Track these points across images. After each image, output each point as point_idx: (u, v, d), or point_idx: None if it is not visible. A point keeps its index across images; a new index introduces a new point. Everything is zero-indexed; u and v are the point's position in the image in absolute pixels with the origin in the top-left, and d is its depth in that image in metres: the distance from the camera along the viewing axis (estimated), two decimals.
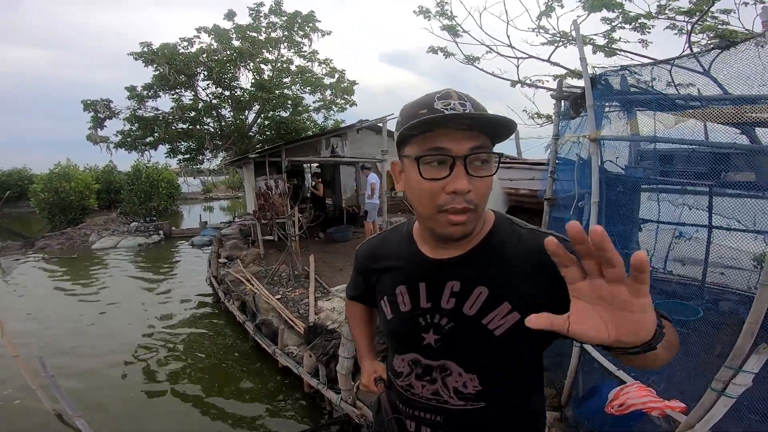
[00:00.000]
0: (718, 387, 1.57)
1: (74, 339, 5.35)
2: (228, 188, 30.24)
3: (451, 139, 0.70)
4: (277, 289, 5.85)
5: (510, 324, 0.77)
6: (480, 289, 0.80)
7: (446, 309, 0.83)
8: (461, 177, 0.70)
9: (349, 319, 1.28)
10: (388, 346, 1.01)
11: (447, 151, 0.70)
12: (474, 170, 0.71)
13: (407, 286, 0.89)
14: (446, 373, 0.84)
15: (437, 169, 0.72)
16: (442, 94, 0.73)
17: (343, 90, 16.66)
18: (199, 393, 4.01)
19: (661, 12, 4.81)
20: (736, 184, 2.82)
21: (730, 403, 1.56)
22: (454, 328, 0.82)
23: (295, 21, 14.76)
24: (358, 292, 1.15)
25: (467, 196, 0.71)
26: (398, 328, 0.91)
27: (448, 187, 0.71)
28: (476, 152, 0.71)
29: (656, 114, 2.64)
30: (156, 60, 13.48)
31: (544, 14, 5.31)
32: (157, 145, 14.94)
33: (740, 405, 1.79)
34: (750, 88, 2.00)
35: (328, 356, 3.49)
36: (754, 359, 1.49)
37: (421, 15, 6.10)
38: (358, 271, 1.08)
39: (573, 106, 2.97)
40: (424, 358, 0.87)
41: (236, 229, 10.84)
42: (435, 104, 0.71)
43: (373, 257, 1.01)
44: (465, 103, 0.71)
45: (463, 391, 0.83)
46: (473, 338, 0.80)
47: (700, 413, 1.61)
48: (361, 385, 1.16)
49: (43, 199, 14.26)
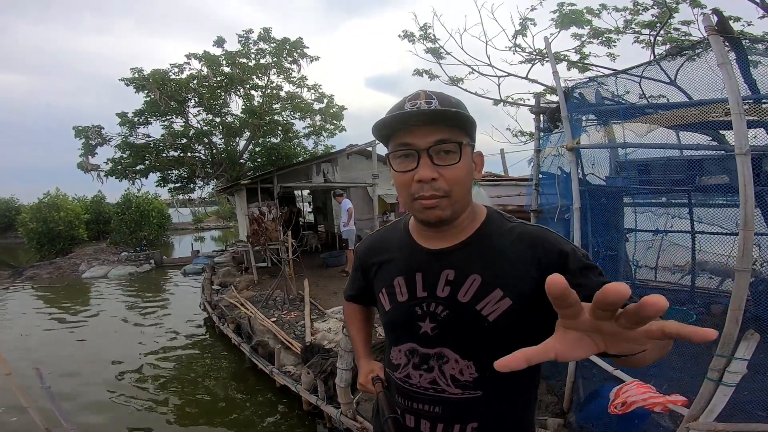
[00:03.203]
0: (714, 377, 1.61)
1: (64, 364, 5.24)
2: (219, 218, 30.10)
3: (414, 134, 0.78)
4: (272, 313, 5.83)
5: (502, 309, 0.81)
6: (474, 277, 0.84)
7: (441, 297, 0.86)
8: (425, 167, 0.78)
9: (347, 320, 1.30)
10: (385, 341, 1.03)
11: (411, 145, 0.79)
12: (439, 160, 0.79)
13: (404, 277, 0.92)
14: (443, 360, 0.86)
15: (406, 162, 0.81)
16: (412, 95, 0.81)
17: (332, 115, 16.90)
18: (194, 414, 3.96)
19: (628, 26, 5.12)
20: (712, 188, 2.96)
21: (730, 392, 1.59)
22: (449, 315, 0.85)
23: (284, 47, 15.05)
24: (355, 291, 1.17)
25: (435, 184, 0.79)
26: (396, 318, 0.94)
27: (416, 176, 0.79)
28: (438, 144, 0.78)
29: (628, 123, 2.79)
30: (147, 86, 13.58)
31: (520, 33, 5.60)
32: (147, 173, 14.87)
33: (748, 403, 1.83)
34: (710, 93, 2.16)
35: (326, 374, 3.49)
36: (744, 345, 1.54)
37: (405, 39, 6.38)
38: (357, 267, 1.11)
39: (551, 120, 3.13)
40: (421, 347, 0.89)
41: (229, 257, 10.81)
42: (405, 105, 0.79)
43: (372, 250, 1.05)
44: (431, 101, 0.78)
45: (459, 378, 0.85)
46: (468, 324, 0.83)
47: (702, 404, 1.64)
48: (359, 384, 1.15)
49: (32, 229, 14.08)
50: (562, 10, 4.83)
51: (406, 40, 6.33)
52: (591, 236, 3.04)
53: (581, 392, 2.66)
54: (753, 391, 1.89)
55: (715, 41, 1.56)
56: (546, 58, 5.51)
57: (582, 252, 0.83)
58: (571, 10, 4.82)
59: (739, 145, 1.48)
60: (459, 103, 0.82)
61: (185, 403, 4.22)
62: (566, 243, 0.84)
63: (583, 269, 0.80)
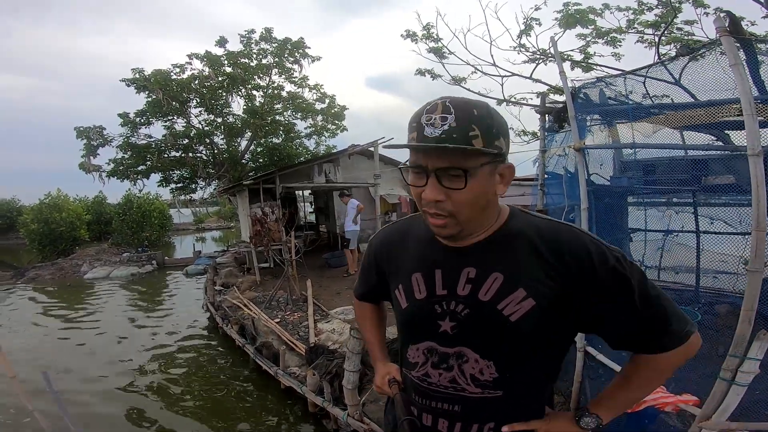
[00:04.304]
0: (726, 376, 1.61)
1: (68, 363, 5.27)
2: (220, 218, 30.12)
3: (425, 156, 0.78)
4: (275, 313, 5.84)
5: (525, 310, 0.79)
6: (495, 275, 0.82)
7: (462, 296, 0.84)
8: (432, 188, 0.77)
9: (359, 321, 1.28)
10: (400, 340, 1.00)
11: (422, 167, 0.78)
12: (447, 182, 0.77)
13: (423, 273, 0.90)
14: (463, 359, 0.84)
15: (418, 178, 0.81)
16: (430, 107, 0.76)
17: (333, 115, 16.92)
18: (199, 416, 3.96)
19: (631, 26, 5.12)
20: (717, 188, 2.96)
21: (742, 391, 1.59)
22: (470, 314, 0.84)
23: (286, 47, 15.08)
24: (367, 288, 1.15)
25: (439, 205, 0.78)
26: (414, 316, 0.92)
27: (423, 195, 0.79)
28: (443, 172, 0.76)
29: (634, 123, 2.79)
30: (149, 86, 13.62)
31: (524, 33, 5.60)
32: (149, 173, 14.91)
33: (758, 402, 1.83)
34: (717, 93, 2.16)
35: (331, 375, 3.49)
36: (757, 346, 1.54)
37: (408, 38, 6.39)
38: (371, 261, 1.09)
39: (556, 120, 3.13)
40: (441, 346, 0.87)
41: (231, 258, 10.84)
42: (422, 118, 0.76)
43: (389, 243, 1.03)
44: (446, 117, 0.73)
45: (479, 378, 0.83)
46: (489, 324, 0.82)
47: (714, 404, 1.64)
48: (375, 387, 1.13)
49: (34, 230, 14.09)
50: (568, 10, 4.84)
51: (408, 39, 6.34)
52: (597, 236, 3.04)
53: (588, 393, 2.65)
54: (763, 391, 1.89)
55: (727, 42, 1.55)
56: (550, 57, 5.51)
57: (615, 256, 0.78)
58: (576, 10, 4.82)
59: (752, 146, 1.48)
60: (483, 115, 0.75)
61: (189, 405, 4.22)
62: (593, 242, 0.80)
63: (617, 283, 0.77)
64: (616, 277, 0.76)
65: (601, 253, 0.78)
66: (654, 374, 0.86)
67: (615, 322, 0.80)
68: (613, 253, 0.78)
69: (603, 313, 0.79)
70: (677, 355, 0.81)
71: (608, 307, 0.78)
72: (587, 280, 0.77)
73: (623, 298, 0.77)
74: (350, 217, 7.69)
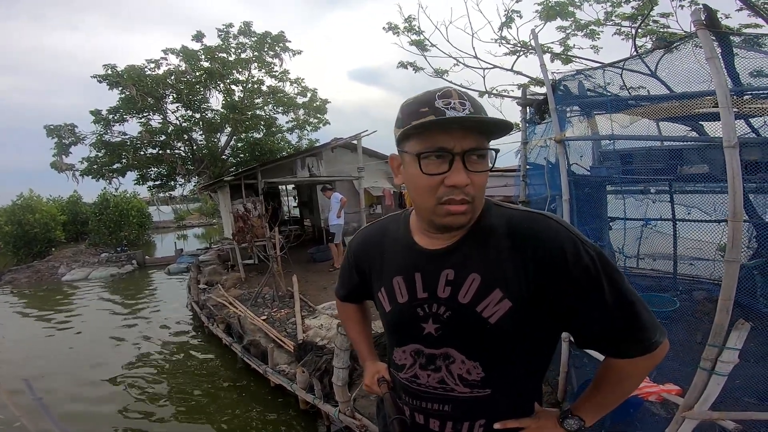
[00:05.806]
0: (706, 366, 1.63)
1: (50, 368, 5.11)
2: (201, 215, 29.53)
3: (450, 137, 0.74)
4: (261, 311, 5.77)
5: (503, 312, 0.78)
6: (473, 276, 0.81)
7: (442, 298, 0.84)
8: (460, 171, 0.74)
9: (344, 322, 1.26)
10: (386, 341, 1.01)
11: (447, 149, 0.74)
12: (471, 165, 0.75)
13: (403, 277, 0.90)
14: (450, 360, 0.85)
15: (437, 164, 0.75)
16: (442, 92, 0.76)
17: (315, 109, 16.77)
18: (187, 417, 3.91)
19: (608, 18, 5.19)
20: (692, 177, 3.05)
21: (722, 381, 1.61)
22: (452, 316, 0.83)
23: (265, 41, 14.84)
24: (349, 290, 1.14)
25: (465, 189, 0.75)
26: (398, 320, 0.92)
27: (448, 180, 0.75)
28: (474, 151, 0.75)
29: (612, 114, 2.83)
30: (122, 82, 13.19)
31: (505, 25, 5.62)
32: (125, 171, 14.53)
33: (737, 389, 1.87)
34: (692, 85, 2.21)
35: (320, 371, 3.48)
36: (735, 335, 1.56)
37: (390, 31, 6.33)
38: (351, 263, 1.08)
39: (537, 112, 3.16)
40: (426, 348, 0.87)
41: (214, 255, 10.64)
42: (436, 102, 0.74)
43: (368, 245, 1.02)
44: (465, 103, 0.75)
45: (467, 378, 0.84)
46: (470, 326, 0.81)
47: (696, 394, 1.66)
48: (364, 386, 1.13)
49: (7, 232, 13.54)
50: (548, 2, 4.87)
51: (390, 32, 6.28)
52: (577, 225, 3.10)
53: (575, 382, 2.71)
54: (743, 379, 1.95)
55: (703, 36, 1.58)
56: (531, 50, 5.55)
57: (590, 254, 0.76)
58: (557, 2, 4.86)
59: (728, 138, 1.51)
60: (482, 106, 0.79)
61: (177, 407, 4.16)
62: (569, 238, 0.77)
63: (589, 283, 0.75)
64: (588, 274, 0.75)
65: (575, 249, 0.76)
66: (622, 378, 0.86)
67: (585, 318, 0.78)
68: (589, 250, 0.76)
69: (575, 305, 0.78)
70: (644, 362, 0.80)
71: (580, 302, 0.77)
72: (560, 274, 0.76)
73: (595, 295, 0.75)
74: (334, 211, 7.62)
